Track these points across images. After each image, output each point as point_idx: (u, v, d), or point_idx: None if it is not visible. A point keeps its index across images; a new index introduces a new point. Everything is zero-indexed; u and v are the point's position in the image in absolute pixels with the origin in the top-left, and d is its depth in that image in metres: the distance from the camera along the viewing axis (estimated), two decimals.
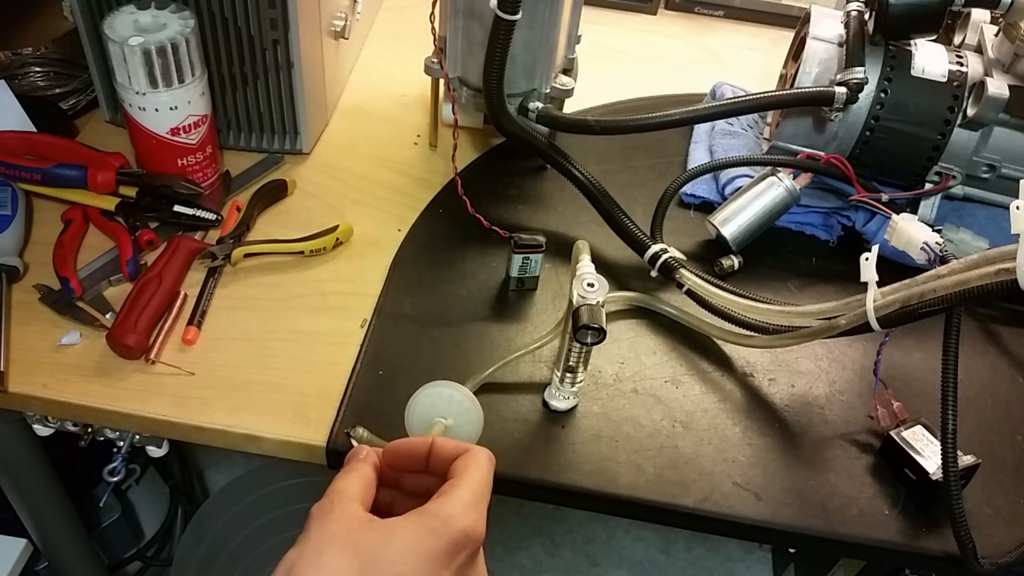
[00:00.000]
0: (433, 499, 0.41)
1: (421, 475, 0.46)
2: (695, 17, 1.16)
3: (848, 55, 0.75)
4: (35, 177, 0.74)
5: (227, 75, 0.80)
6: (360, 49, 1.02)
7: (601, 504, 0.62)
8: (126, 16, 0.70)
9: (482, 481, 0.43)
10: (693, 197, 0.84)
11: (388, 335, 0.70)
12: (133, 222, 0.75)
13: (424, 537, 0.39)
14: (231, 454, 1.49)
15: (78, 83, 0.88)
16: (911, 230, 0.65)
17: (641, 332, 0.73)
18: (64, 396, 0.64)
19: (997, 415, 0.70)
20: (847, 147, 0.79)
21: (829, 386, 0.70)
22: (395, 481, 0.47)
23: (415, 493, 0.46)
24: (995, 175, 0.79)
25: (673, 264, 0.72)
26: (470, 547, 0.41)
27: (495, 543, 1.50)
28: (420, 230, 0.79)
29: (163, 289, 0.68)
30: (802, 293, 0.78)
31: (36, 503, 0.90)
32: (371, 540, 0.39)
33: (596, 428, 0.65)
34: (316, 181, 0.84)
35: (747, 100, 0.76)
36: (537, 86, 0.79)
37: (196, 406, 0.64)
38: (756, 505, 0.62)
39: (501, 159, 0.89)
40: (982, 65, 0.77)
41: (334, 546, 0.38)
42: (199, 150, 0.76)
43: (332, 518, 0.40)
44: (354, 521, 0.40)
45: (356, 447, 0.47)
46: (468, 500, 0.41)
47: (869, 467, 0.65)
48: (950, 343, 0.55)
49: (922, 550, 0.61)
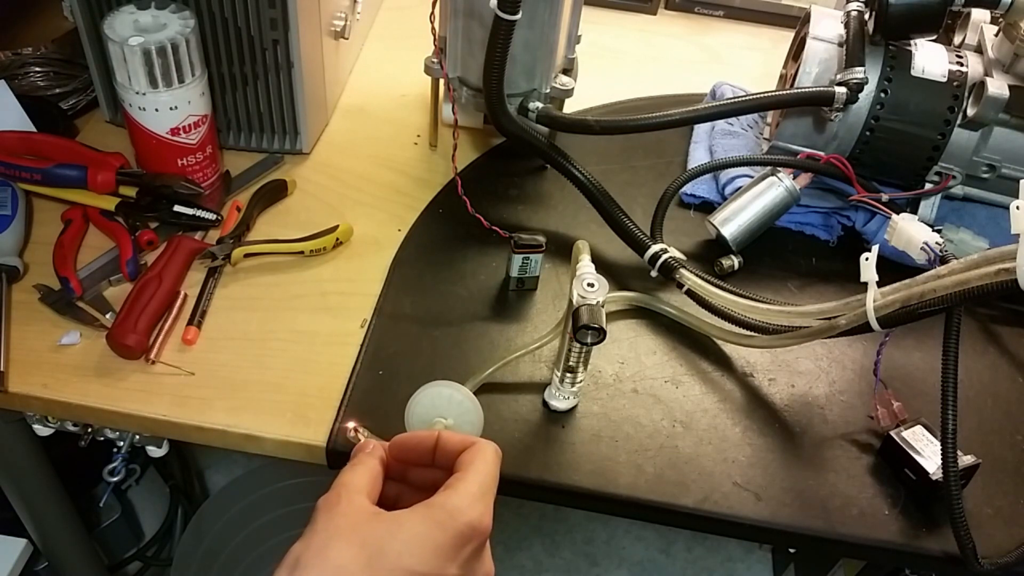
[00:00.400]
0: (440, 492, 0.41)
1: (427, 468, 0.46)
2: (695, 17, 1.16)
3: (848, 55, 0.75)
4: (35, 177, 0.74)
5: (227, 75, 0.80)
6: (360, 49, 1.02)
7: (601, 504, 0.62)
8: (126, 16, 0.70)
9: (489, 474, 0.43)
10: (693, 197, 0.84)
11: (388, 335, 0.70)
12: (133, 222, 0.75)
13: (431, 530, 0.39)
14: (231, 454, 1.49)
15: (78, 83, 0.88)
16: (911, 230, 0.65)
17: (641, 332, 0.73)
18: (64, 396, 0.64)
19: (997, 415, 0.70)
20: (847, 147, 0.79)
21: (829, 386, 0.70)
22: (401, 474, 0.47)
23: (421, 486, 0.46)
24: (995, 175, 0.79)
25: (673, 264, 0.72)
26: (476, 540, 0.41)
27: (495, 543, 1.48)
28: (420, 230, 0.79)
29: (163, 289, 0.68)
30: (802, 293, 0.78)
31: (36, 503, 0.90)
32: (378, 533, 0.39)
33: (596, 428, 0.65)
34: (316, 181, 0.84)
35: (747, 100, 0.76)
36: (537, 86, 0.79)
37: (196, 406, 0.64)
38: (756, 505, 0.62)
39: (501, 159, 0.89)
40: (982, 65, 0.77)
41: (340, 539, 0.38)
42: (199, 150, 0.76)
43: (339, 511, 0.40)
44: (361, 514, 0.40)
45: (363, 440, 0.47)
46: (475, 493, 0.41)
47: (869, 467, 0.65)
48: (950, 343, 0.55)
49: (922, 550, 0.61)
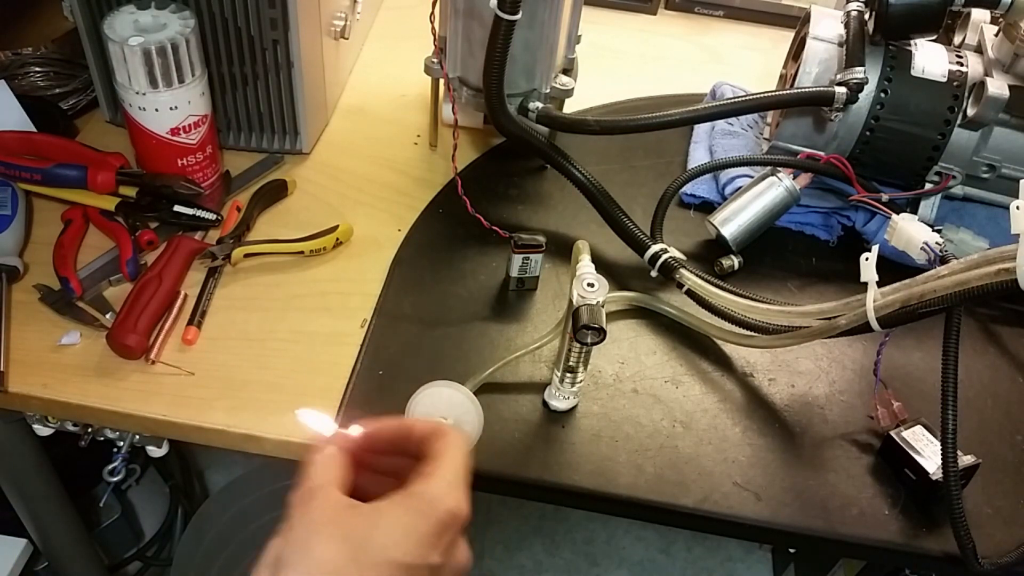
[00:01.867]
0: (416, 481, 0.41)
1: (393, 456, 0.45)
2: (695, 17, 1.16)
3: (848, 55, 0.75)
4: (35, 177, 0.74)
5: (227, 75, 0.80)
6: (360, 49, 1.02)
7: (601, 504, 0.62)
8: (126, 16, 0.70)
9: (461, 462, 0.43)
10: (693, 197, 0.84)
11: (388, 335, 0.70)
12: (133, 222, 0.75)
13: (413, 519, 0.39)
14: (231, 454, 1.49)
15: (78, 83, 0.88)
16: (911, 230, 0.65)
17: (641, 332, 0.73)
18: (64, 396, 0.64)
19: (997, 415, 0.70)
20: (847, 147, 0.79)
21: (829, 386, 0.70)
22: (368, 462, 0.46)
23: (387, 472, 0.45)
24: (995, 175, 0.79)
25: (673, 264, 0.72)
26: (455, 527, 0.41)
27: (495, 543, 1.49)
28: (420, 230, 0.79)
29: (163, 289, 0.68)
30: (802, 293, 0.78)
31: (36, 503, 0.90)
32: (360, 525, 0.38)
33: (596, 428, 0.65)
34: (316, 181, 0.84)
35: (747, 100, 0.76)
36: (537, 86, 0.79)
37: (196, 406, 0.64)
38: (756, 505, 0.62)
39: (501, 159, 0.89)
40: (982, 65, 0.77)
41: (322, 533, 0.38)
42: (199, 150, 0.76)
43: (315, 505, 0.40)
44: (338, 507, 0.40)
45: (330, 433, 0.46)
46: (451, 480, 0.41)
47: (869, 467, 0.65)
48: (950, 343, 0.55)
49: (922, 550, 0.61)
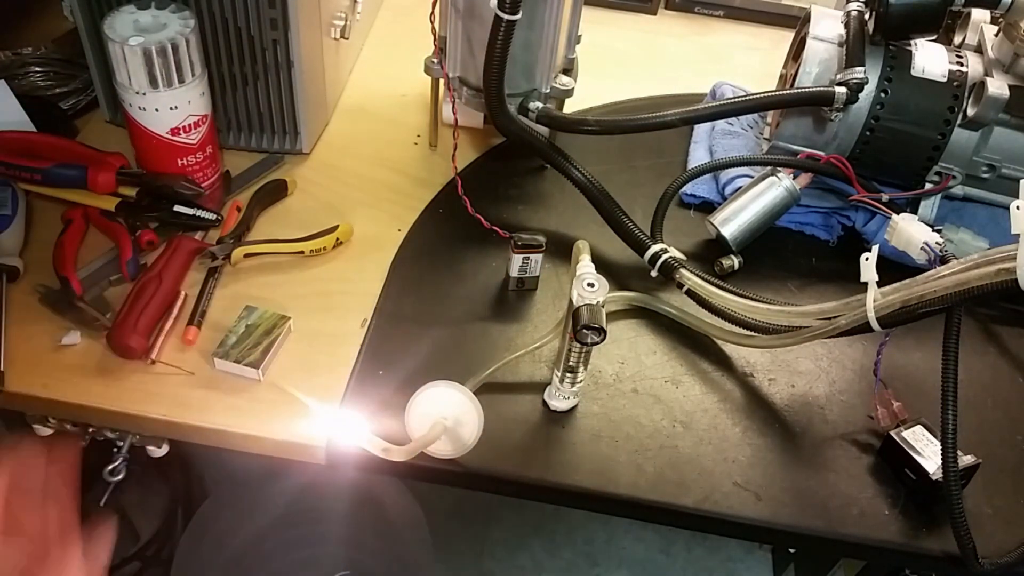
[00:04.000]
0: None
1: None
2: (695, 17, 1.17)
3: (848, 55, 0.75)
4: (35, 177, 0.74)
5: (227, 75, 0.80)
6: (360, 49, 1.02)
7: (601, 504, 0.62)
8: (126, 16, 0.70)
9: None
10: (693, 197, 0.84)
11: (388, 335, 0.70)
12: (133, 222, 0.75)
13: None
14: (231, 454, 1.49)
15: (78, 83, 0.88)
16: (911, 230, 0.65)
17: (641, 332, 0.73)
18: (64, 396, 0.64)
19: (997, 415, 0.70)
20: (847, 147, 0.79)
21: (829, 386, 0.70)
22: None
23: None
24: (995, 175, 0.79)
25: (673, 264, 0.72)
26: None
27: (495, 543, 1.49)
28: (420, 230, 0.79)
29: (163, 289, 0.68)
30: (802, 293, 0.78)
31: None
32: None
33: (596, 428, 0.65)
34: (316, 181, 0.84)
35: (747, 100, 0.76)
36: (537, 86, 0.79)
37: (196, 406, 0.64)
38: (756, 505, 0.62)
39: (501, 159, 0.89)
40: (982, 65, 0.77)
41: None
42: (199, 150, 0.76)
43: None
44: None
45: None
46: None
47: (869, 467, 0.65)
48: (950, 343, 0.55)
49: (922, 550, 0.61)
